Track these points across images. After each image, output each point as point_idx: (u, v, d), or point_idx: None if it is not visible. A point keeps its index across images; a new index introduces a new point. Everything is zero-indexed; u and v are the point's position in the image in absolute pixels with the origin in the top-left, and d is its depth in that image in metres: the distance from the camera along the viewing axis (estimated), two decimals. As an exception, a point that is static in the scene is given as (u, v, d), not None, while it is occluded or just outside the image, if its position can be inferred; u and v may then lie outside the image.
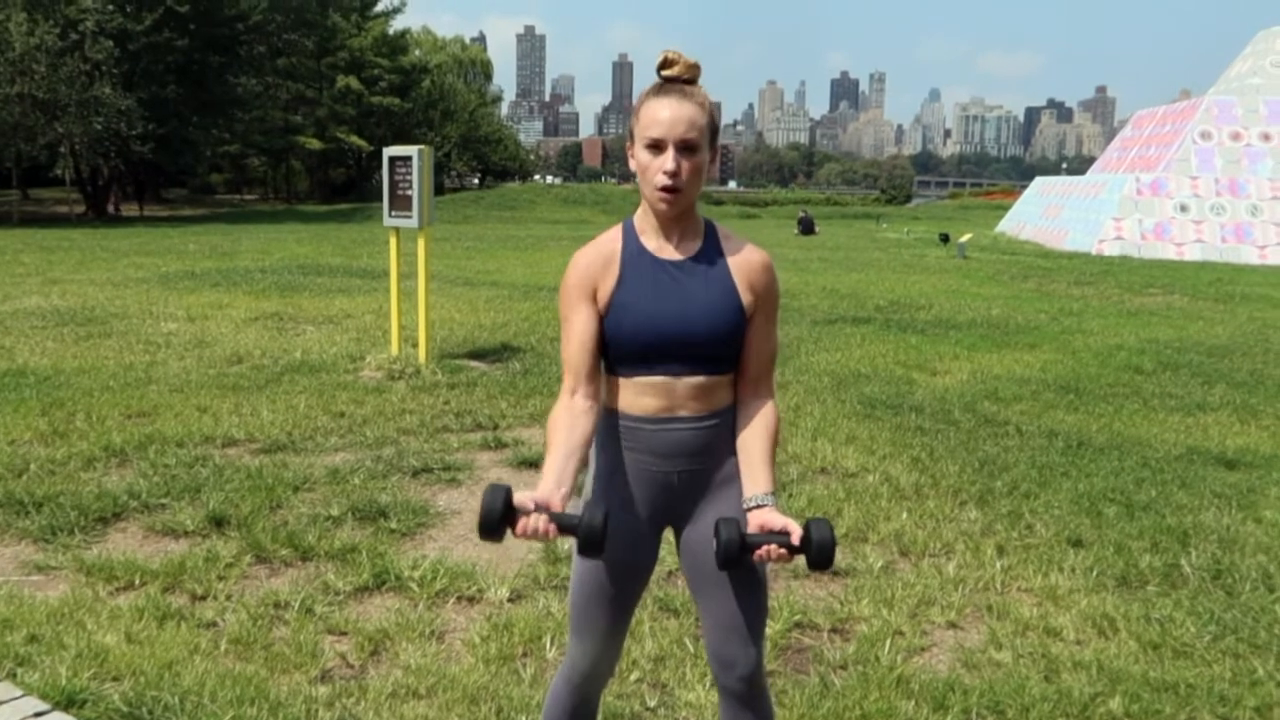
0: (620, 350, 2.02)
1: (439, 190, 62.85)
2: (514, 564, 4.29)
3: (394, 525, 4.68)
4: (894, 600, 3.98)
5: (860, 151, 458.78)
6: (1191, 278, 19.03)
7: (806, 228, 35.97)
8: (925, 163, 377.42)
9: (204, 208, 48.76)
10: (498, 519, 1.80)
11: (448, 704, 3.08)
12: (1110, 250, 25.31)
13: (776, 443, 2.05)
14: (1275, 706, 3.19)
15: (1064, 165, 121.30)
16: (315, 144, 56.41)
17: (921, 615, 3.88)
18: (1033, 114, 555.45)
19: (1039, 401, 7.82)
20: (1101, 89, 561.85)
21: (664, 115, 1.93)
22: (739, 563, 1.90)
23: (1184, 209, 25.67)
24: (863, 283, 16.88)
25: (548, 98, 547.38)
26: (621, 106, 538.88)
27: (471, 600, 3.93)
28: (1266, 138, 26.47)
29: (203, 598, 3.84)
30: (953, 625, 3.81)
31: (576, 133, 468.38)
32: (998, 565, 4.36)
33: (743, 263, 2.05)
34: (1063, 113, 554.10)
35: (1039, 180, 38.74)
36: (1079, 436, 6.68)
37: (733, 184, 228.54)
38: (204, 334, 9.87)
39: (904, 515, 4.99)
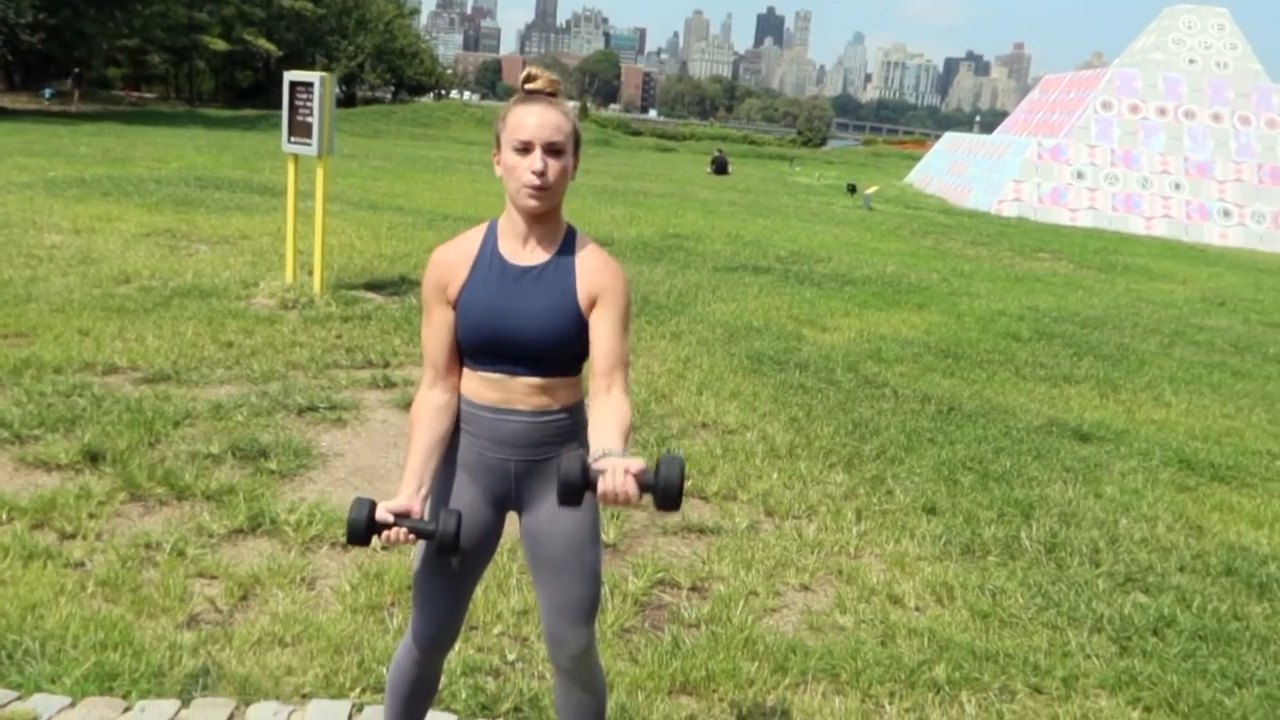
0: (463, 344, 2.16)
1: (349, 102, 61.01)
2: (391, 511, 4.38)
3: (274, 466, 4.72)
4: (753, 561, 4.20)
5: (782, 89, 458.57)
6: (1080, 245, 19.74)
7: (720, 167, 36.04)
8: (845, 105, 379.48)
9: (98, 104, 46.50)
10: (363, 531, 2.04)
11: (311, 653, 3.19)
12: (1009, 211, 26.03)
13: (628, 432, 2.13)
14: (1081, 678, 3.50)
15: (978, 118, 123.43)
16: (221, 45, 54.09)
17: (777, 577, 4.11)
18: (952, 65, 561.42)
19: (919, 364, 8.14)
20: (1019, 45, 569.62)
21: (531, 121, 2.04)
22: (580, 497, 1.85)
23: (1080, 176, 26.48)
24: (767, 230, 17.11)
25: (469, 10, 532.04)
26: (546, 25, 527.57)
27: (345, 547, 4.01)
28: (1162, 112, 27.37)
29: (72, 536, 3.85)
30: (805, 588, 4.05)
31: (498, 49, 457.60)
32: (855, 530, 4.61)
33: (589, 271, 2.14)
34: (980, 66, 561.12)
35: (949, 136, 39.45)
36: (951, 402, 7.00)
37: (653, 112, 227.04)
38: (90, 249, 9.58)
39: (775, 475, 5.22)
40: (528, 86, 2.08)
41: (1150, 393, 7.93)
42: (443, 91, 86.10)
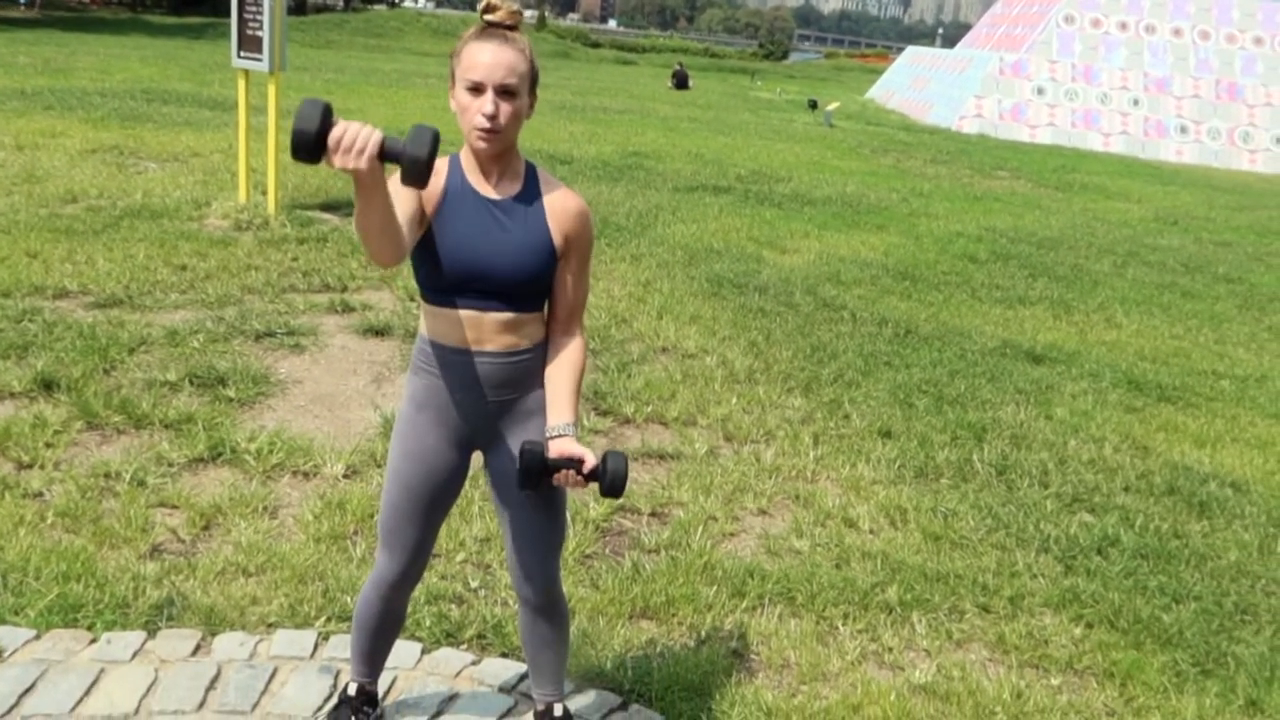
0: (432, 278, 2.12)
1: (300, 9, 59.08)
2: (352, 439, 4.39)
3: (232, 394, 4.69)
4: (712, 486, 4.27)
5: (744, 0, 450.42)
6: (1039, 162, 19.80)
7: (680, 82, 35.52)
8: (807, 16, 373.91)
9: (33, 9, 44.68)
10: (316, 130, 1.66)
11: (275, 583, 3.22)
12: (970, 128, 25.98)
13: (581, 377, 2.22)
14: (1027, 597, 3.62)
15: (940, 30, 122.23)
16: (163, -53, 52.00)
17: (735, 502, 4.19)
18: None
19: (877, 286, 8.20)
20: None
21: (485, 59, 1.99)
22: (539, 484, 2.07)
23: (1041, 92, 26.44)
24: (728, 148, 16.97)
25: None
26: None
27: (307, 475, 4.03)
28: (1124, 27, 27.28)
29: (29, 466, 3.82)
30: (763, 512, 4.13)
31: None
32: (812, 455, 4.69)
33: (559, 209, 2.15)
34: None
35: (911, 50, 39.08)
36: (907, 325, 7.08)
37: (613, 22, 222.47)
38: (35, 166, 9.31)
39: (734, 400, 5.28)
40: (487, 17, 2.03)
41: (1102, 314, 8.07)
42: (396, 0, 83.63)
